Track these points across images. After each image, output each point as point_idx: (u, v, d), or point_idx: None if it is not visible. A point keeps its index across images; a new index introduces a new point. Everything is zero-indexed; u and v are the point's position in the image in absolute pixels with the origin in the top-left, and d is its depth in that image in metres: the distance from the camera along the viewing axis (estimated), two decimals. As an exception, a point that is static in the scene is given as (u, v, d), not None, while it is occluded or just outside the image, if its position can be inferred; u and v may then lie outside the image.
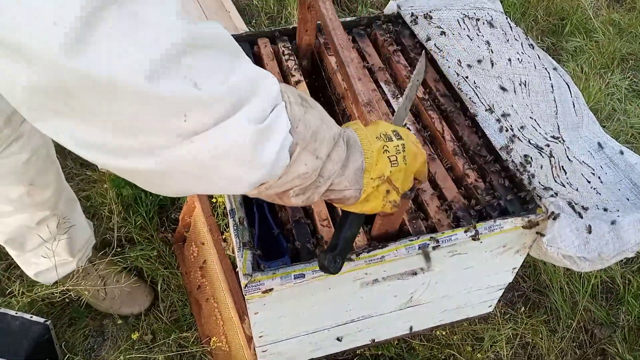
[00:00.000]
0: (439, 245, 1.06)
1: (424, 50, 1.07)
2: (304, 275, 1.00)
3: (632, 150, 1.42)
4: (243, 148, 0.61)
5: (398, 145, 0.80)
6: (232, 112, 0.59)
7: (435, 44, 1.45)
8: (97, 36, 0.49)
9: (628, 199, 1.29)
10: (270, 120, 0.63)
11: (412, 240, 1.05)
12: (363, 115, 1.08)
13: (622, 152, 1.39)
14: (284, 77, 1.40)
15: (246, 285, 0.98)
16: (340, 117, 1.32)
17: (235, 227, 1.06)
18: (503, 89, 1.41)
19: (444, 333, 1.76)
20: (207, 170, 0.61)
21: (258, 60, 1.45)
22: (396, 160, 0.80)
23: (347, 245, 0.87)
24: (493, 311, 1.56)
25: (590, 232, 1.09)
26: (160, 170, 0.59)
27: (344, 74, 1.13)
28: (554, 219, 1.09)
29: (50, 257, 1.59)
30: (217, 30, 0.60)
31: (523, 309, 1.89)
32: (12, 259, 1.84)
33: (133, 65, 0.50)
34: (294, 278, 0.99)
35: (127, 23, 0.50)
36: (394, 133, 0.82)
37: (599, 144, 1.41)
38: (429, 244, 1.05)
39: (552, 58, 1.59)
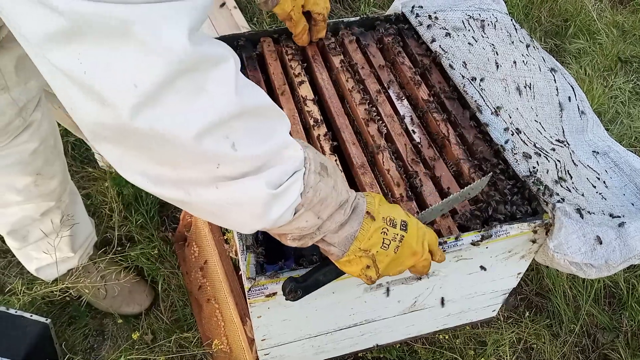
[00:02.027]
0: (445, 250, 1.05)
1: (491, 173, 1.11)
2: (308, 279, 0.99)
3: (635, 154, 1.41)
4: (256, 205, 0.72)
5: (397, 234, 0.87)
6: (256, 172, 0.70)
7: (440, 46, 1.44)
8: (164, 99, 0.60)
9: (633, 204, 1.28)
10: (285, 187, 0.74)
11: (418, 244, 1.04)
12: (358, 176, 1.19)
13: (622, 157, 1.38)
14: (287, 76, 1.39)
15: (250, 289, 0.97)
16: (346, 115, 1.31)
17: (238, 230, 1.05)
18: (508, 91, 1.40)
19: (446, 337, 1.75)
20: (222, 211, 0.73)
21: (261, 60, 1.44)
22: (388, 245, 0.86)
23: (315, 285, 0.92)
24: (496, 315, 1.55)
25: (600, 242, 1.09)
26: (187, 201, 0.71)
27: (340, 138, 1.28)
28: (559, 228, 1.08)
29: (52, 252, 1.58)
30: (265, 102, 0.72)
31: (527, 313, 1.88)
32: (12, 257, 1.83)
33: (187, 126, 0.62)
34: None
35: (192, 91, 0.61)
36: (402, 222, 0.88)
37: (600, 148, 1.40)
38: (434, 249, 1.04)
39: (556, 60, 1.58)
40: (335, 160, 1.19)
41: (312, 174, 0.78)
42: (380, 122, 1.29)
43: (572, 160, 1.32)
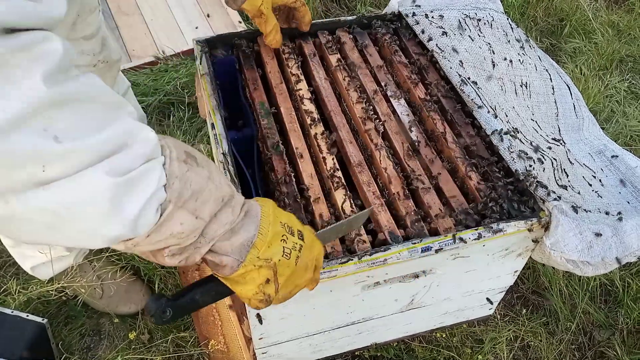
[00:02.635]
0: (442, 249, 1.05)
1: (372, 207, 1.06)
2: (306, 277, 0.99)
3: (631, 152, 1.41)
4: (97, 200, 0.58)
5: (297, 244, 0.78)
6: (92, 164, 0.58)
7: (437, 45, 1.44)
8: None
9: (629, 202, 1.29)
10: (136, 174, 0.61)
11: (415, 243, 1.04)
12: (355, 175, 1.17)
13: (617, 156, 1.39)
14: (284, 75, 1.39)
15: (247, 288, 0.97)
16: (343, 114, 1.31)
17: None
18: (504, 90, 1.40)
19: (443, 335, 1.76)
20: (59, 221, 0.58)
21: (258, 58, 1.44)
22: (289, 255, 0.77)
23: (190, 307, 0.78)
24: (493, 313, 1.55)
25: (600, 235, 1.09)
26: (7, 215, 0.56)
27: (337, 137, 1.26)
28: (556, 226, 1.08)
29: (46, 251, 1.57)
30: (94, 86, 0.59)
31: (524, 311, 1.88)
32: (7, 257, 1.82)
33: None
34: (296, 280, 0.98)
35: None
36: (299, 232, 0.79)
37: (596, 147, 1.41)
38: (432, 247, 1.04)
39: (551, 59, 1.58)
40: (333, 159, 1.20)
41: (176, 161, 0.66)
42: (377, 120, 1.29)
43: (568, 159, 1.33)
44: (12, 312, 1.59)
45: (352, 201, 1.12)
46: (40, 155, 0.54)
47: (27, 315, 1.60)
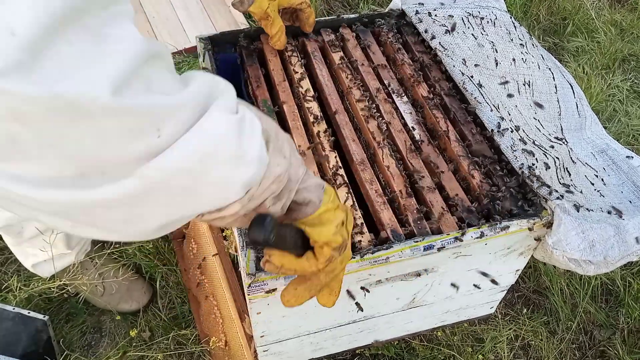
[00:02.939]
0: (444, 247, 1.05)
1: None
2: (308, 275, 0.99)
3: (634, 152, 1.41)
4: (227, 139, 0.56)
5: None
6: (204, 110, 0.55)
7: (440, 43, 1.44)
8: (55, 51, 0.43)
9: (631, 202, 1.28)
10: (242, 112, 0.59)
11: (417, 241, 1.04)
12: (357, 172, 1.18)
13: (629, 157, 1.39)
14: (287, 72, 1.39)
15: (249, 285, 0.97)
16: (345, 112, 1.31)
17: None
18: (507, 89, 1.40)
19: (444, 334, 1.76)
20: (195, 178, 0.55)
21: (261, 56, 1.43)
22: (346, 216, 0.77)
23: (284, 241, 0.73)
24: (494, 312, 1.55)
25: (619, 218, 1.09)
26: (140, 191, 0.52)
27: (340, 134, 1.26)
28: (558, 225, 1.08)
29: (48, 249, 1.57)
30: (165, 47, 0.57)
31: (524, 310, 1.88)
32: (9, 254, 1.83)
33: (96, 81, 0.45)
34: (298, 278, 0.98)
35: (87, 37, 0.46)
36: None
37: (598, 146, 1.41)
38: (434, 245, 1.04)
39: (554, 58, 1.58)
40: (335, 157, 1.20)
41: (249, 106, 0.64)
42: (380, 118, 1.29)
43: (571, 158, 1.33)
44: (14, 308, 1.59)
45: (354, 199, 1.12)
46: (153, 113, 0.50)
47: (29, 312, 1.60)
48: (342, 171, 1.17)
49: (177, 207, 0.57)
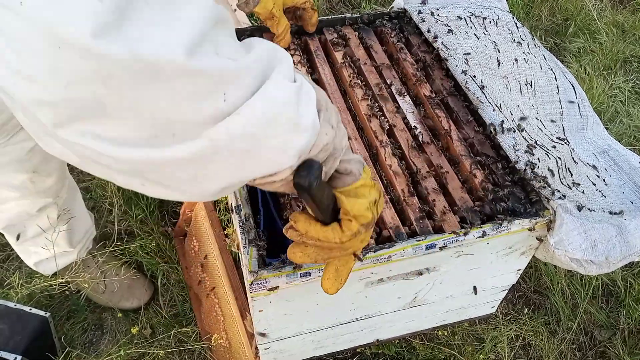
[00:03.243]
0: (446, 246, 1.05)
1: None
2: (310, 273, 0.99)
3: (635, 152, 1.41)
4: (288, 106, 0.59)
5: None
6: (267, 76, 0.58)
7: (442, 42, 1.44)
8: (136, 14, 0.46)
9: (632, 202, 1.29)
10: (300, 80, 0.62)
11: (419, 240, 1.04)
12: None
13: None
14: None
15: (252, 283, 0.97)
16: (348, 111, 1.31)
17: (241, 224, 1.05)
18: (509, 89, 1.40)
19: (445, 333, 1.76)
20: (257, 143, 0.58)
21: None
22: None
23: (322, 191, 0.73)
24: (494, 312, 1.55)
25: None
26: (208, 152, 0.55)
27: None
28: (560, 225, 1.08)
29: (50, 247, 1.58)
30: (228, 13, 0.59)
31: (525, 310, 1.88)
32: (11, 251, 1.83)
33: (172, 43, 0.48)
34: (300, 276, 0.99)
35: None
36: None
37: (600, 147, 1.41)
38: (436, 244, 1.04)
39: (556, 58, 1.58)
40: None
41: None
42: (383, 117, 1.29)
43: (572, 158, 1.33)
44: (15, 305, 1.60)
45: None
46: (222, 76, 0.53)
47: (30, 309, 1.60)
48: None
49: (238, 169, 0.60)
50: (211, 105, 0.53)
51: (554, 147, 1.30)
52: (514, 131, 1.26)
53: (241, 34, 1.42)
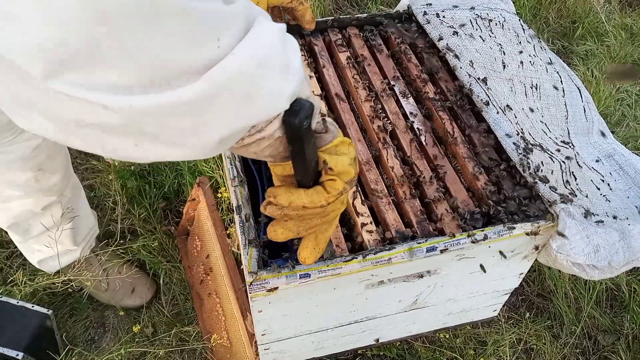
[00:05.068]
0: (447, 249, 1.05)
1: None
2: (310, 275, 0.99)
3: (641, 157, 1.40)
4: (277, 47, 0.59)
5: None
6: (252, 21, 0.59)
7: (447, 44, 1.43)
8: None
9: (637, 207, 1.28)
10: (283, 26, 0.62)
11: (420, 242, 1.04)
12: (362, 172, 1.18)
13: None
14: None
15: (251, 283, 0.97)
16: (351, 111, 1.30)
17: (241, 224, 1.05)
18: (514, 91, 1.39)
19: (446, 336, 1.75)
20: (253, 83, 0.58)
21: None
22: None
23: (307, 141, 0.71)
24: (497, 315, 1.55)
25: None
26: (208, 94, 0.54)
27: (345, 134, 1.25)
28: (563, 229, 1.08)
29: (53, 245, 1.59)
30: None
31: (528, 314, 1.87)
32: (14, 248, 1.84)
33: None
34: (300, 277, 0.98)
35: None
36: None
37: (605, 151, 1.40)
38: (437, 247, 1.04)
39: (563, 61, 1.57)
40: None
41: None
42: (386, 119, 1.28)
43: (577, 162, 1.32)
44: (18, 302, 1.60)
45: (362, 198, 1.12)
46: (218, 20, 0.53)
47: (33, 306, 1.61)
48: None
49: (238, 115, 0.59)
50: (205, 49, 0.53)
51: (559, 150, 1.29)
52: (518, 134, 1.25)
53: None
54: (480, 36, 1.49)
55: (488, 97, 1.32)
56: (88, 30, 0.46)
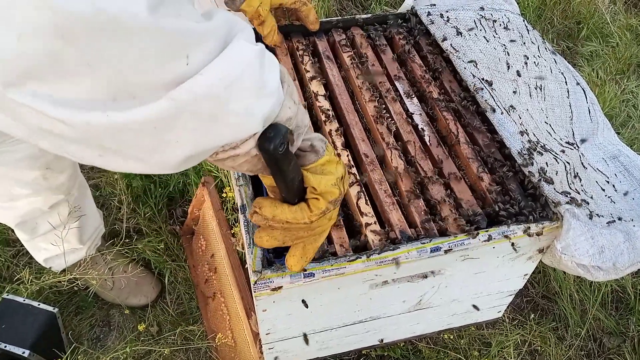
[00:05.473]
0: (451, 249, 1.05)
1: None
2: (314, 274, 0.99)
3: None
4: (252, 68, 0.58)
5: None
6: (230, 39, 0.57)
7: (451, 44, 1.43)
8: None
9: (642, 208, 1.27)
10: (261, 46, 0.61)
11: (424, 242, 1.04)
12: (367, 172, 1.18)
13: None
14: (298, 72, 1.40)
15: (255, 282, 0.97)
16: (355, 112, 1.31)
17: (245, 224, 1.06)
18: (518, 92, 1.39)
19: (451, 337, 1.75)
20: (221, 105, 0.56)
21: (273, 56, 1.44)
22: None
23: (289, 164, 0.71)
24: (501, 317, 1.54)
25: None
26: (170, 114, 0.53)
27: (350, 134, 1.26)
28: (567, 230, 1.07)
29: (60, 244, 1.60)
30: None
31: (532, 315, 1.87)
32: (21, 247, 1.85)
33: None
34: (304, 277, 0.99)
35: None
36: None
37: (610, 152, 1.39)
38: (441, 247, 1.04)
39: (568, 62, 1.57)
40: (348, 156, 1.20)
41: None
42: (390, 119, 1.29)
43: (582, 163, 1.31)
44: (24, 300, 1.62)
45: (366, 198, 1.13)
46: (187, 37, 0.52)
47: (39, 304, 1.62)
48: (354, 170, 1.17)
49: (202, 135, 0.58)
50: (173, 67, 0.52)
51: (563, 151, 1.29)
52: (522, 135, 1.25)
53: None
54: (485, 37, 1.49)
55: (492, 97, 1.32)
56: (46, 43, 0.45)
